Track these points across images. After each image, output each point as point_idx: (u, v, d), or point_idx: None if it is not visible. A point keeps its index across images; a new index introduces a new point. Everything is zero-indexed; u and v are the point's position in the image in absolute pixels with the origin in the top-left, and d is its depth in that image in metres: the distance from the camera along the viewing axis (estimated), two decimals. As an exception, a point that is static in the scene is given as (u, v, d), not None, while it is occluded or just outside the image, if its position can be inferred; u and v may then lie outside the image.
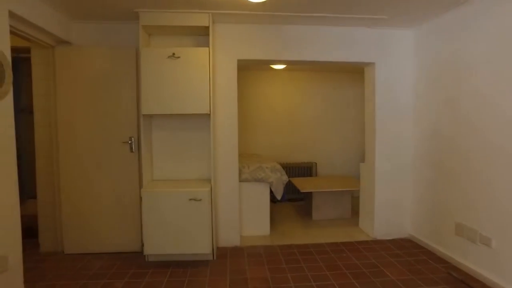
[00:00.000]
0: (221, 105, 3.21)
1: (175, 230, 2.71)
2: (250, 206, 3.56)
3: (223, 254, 3.06)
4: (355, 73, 5.32)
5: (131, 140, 3.03)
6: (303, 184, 4.25)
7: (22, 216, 3.45)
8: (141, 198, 2.71)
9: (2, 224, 2.08)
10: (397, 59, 3.36)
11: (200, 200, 2.73)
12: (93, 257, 2.96)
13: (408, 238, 3.44)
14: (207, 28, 2.87)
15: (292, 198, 5.16)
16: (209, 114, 2.89)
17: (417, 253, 3.02)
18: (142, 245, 2.77)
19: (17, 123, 3.77)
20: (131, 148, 3.04)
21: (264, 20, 3.10)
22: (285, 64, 4.30)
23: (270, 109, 5.34)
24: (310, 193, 4.20)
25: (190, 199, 2.72)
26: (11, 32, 2.58)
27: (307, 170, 5.28)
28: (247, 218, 3.55)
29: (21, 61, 3.32)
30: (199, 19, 2.83)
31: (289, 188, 5.02)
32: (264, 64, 4.40)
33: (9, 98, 2.15)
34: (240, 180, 3.50)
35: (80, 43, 3.08)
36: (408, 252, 3.07)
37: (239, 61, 3.24)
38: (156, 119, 3.14)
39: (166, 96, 2.79)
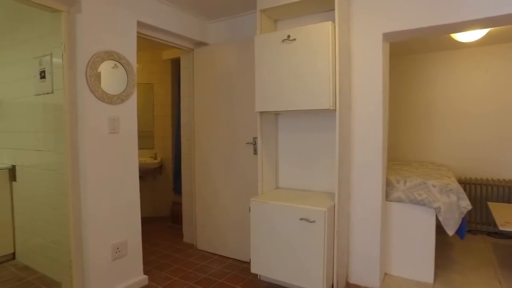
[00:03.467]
0: (360, 98, 2.42)
1: (283, 253, 2.23)
2: (402, 237, 2.57)
3: (350, 295, 2.31)
4: None
5: (255, 141, 2.77)
6: (508, 216, 2.73)
7: (180, 204, 3.94)
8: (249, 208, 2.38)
9: (124, 214, 2.29)
10: None
11: (313, 222, 2.12)
12: (217, 259, 2.92)
13: None
14: (333, -3, 2.18)
15: (492, 232, 3.52)
16: (334, 110, 2.20)
17: None
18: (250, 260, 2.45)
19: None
20: (255, 150, 2.78)
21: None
22: (483, 27, 2.45)
23: (455, 101, 3.80)
24: (520, 231, 2.65)
25: (301, 219, 2.16)
26: (161, 44, 2.83)
27: (522, 192, 3.44)
28: (396, 252, 2.59)
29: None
30: (322, -13, 2.20)
31: (488, 215, 3.48)
32: (438, 34, 2.63)
33: (133, 99, 2.31)
34: (389, 199, 2.58)
35: (216, 43, 3.09)
36: None
37: (386, 35, 2.34)
38: (282, 117, 2.73)
39: (277, 89, 2.31)
